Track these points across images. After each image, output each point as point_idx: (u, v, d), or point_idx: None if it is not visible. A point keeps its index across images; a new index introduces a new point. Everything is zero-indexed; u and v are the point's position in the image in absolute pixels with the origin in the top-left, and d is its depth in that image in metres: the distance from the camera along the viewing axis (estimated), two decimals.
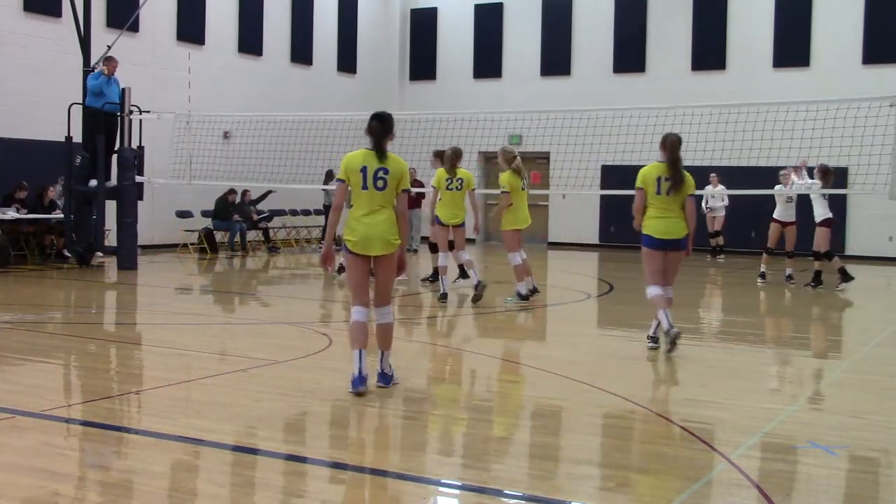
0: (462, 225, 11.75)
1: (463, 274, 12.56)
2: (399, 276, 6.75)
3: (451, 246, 12.42)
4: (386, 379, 6.65)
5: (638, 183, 8.12)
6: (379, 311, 6.66)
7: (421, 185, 17.43)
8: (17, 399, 6.42)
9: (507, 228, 11.32)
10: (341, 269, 12.83)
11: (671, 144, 8.06)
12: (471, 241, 17.54)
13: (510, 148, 11.72)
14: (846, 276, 13.54)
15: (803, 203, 14.12)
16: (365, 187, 6.40)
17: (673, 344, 7.86)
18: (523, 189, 11.36)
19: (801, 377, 7.61)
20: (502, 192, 11.23)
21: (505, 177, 11.19)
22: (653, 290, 8.12)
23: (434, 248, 12.52)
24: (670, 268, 8.15)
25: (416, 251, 20.17)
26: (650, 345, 8.24)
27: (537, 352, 8.85)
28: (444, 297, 11.46)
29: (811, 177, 13.68)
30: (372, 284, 6.64)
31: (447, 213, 11.51)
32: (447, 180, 11.46)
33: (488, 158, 22.10)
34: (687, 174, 8.08)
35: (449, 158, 11.51)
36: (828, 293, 13.27)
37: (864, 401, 6.63)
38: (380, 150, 6.45)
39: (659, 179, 7.98)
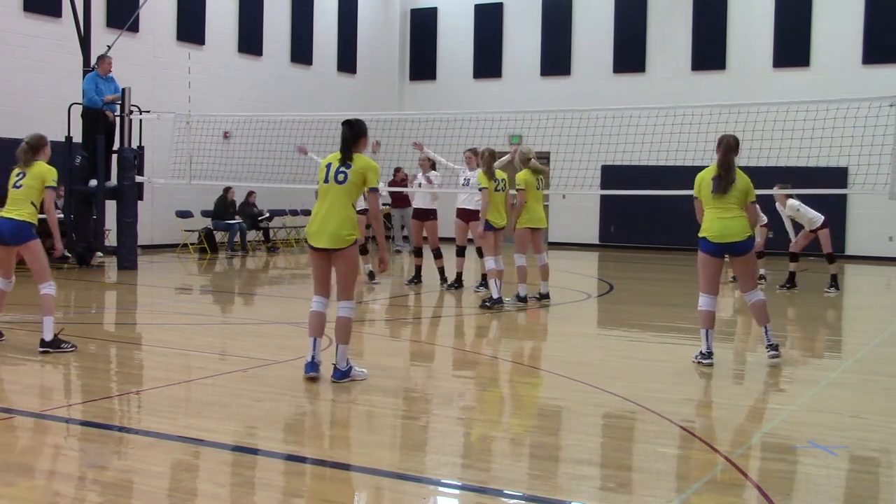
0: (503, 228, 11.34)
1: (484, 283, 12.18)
2: (383, 272, 6.85)
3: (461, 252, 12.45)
4: (338, 374, 6.71)
5: (694, 191, 7.78)
6: (338, 305, 6.79)
7: (406, 184, 17.65)
8: (17, 399, 6.43)
9: (520, 227, 11.24)
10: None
11: (726, 146, 7.63)
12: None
13: (527, 148, 11.56)
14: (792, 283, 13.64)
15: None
16: (326, 181, 6.70)
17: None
18: (538, 188, 11.30)
19: (801, 377, 7.60)
20: (518, 190, 11.16)
21: (521, 175, 11.15)
22: (703, 302, 7.65)
23: (480, 253, 11.87)
24: (742, 274, 7.79)
25: (399, 251, 20.20)
26: (705, 361, 7.61)
27: (537, 352, 8.85)
28: (498, 301, 10.87)
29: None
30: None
31: (495, 216, 11.13)
32: (494, 181, 11.10)
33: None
34: (743, 177, 7.67)
35: (487, 160, 11.11)
36: (823, 295, 13.27)
37: (864, 401, 6.63)
38: (346, 152, 6.72)
39: (714, 179, 7.60)
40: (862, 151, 13.39)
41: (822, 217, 13.31)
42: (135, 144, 15.55)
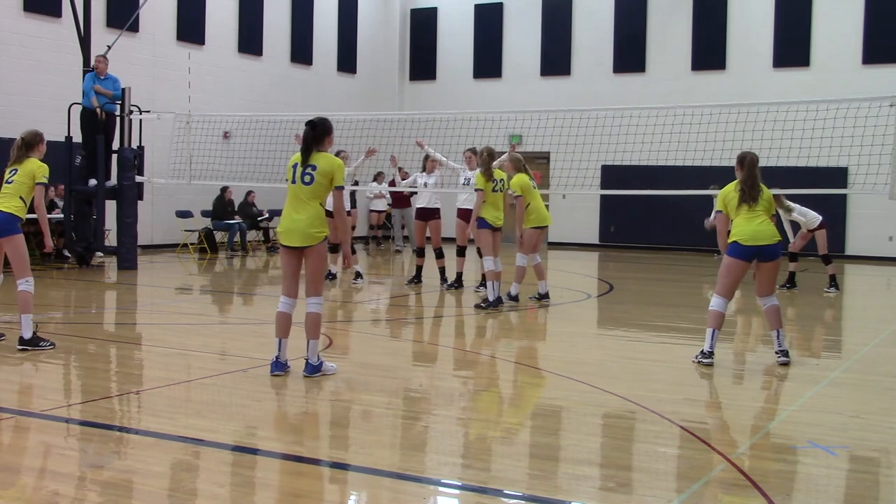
0: (500, 229, 11.33)
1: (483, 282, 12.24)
2: (347, 268, 6.95)
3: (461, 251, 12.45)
4: (309, 368, 6.86)
5: (718, 206, 7.79)
6: (307, 301, 6.90)
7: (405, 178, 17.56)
8: (17, 399, 6.43)
9: (528, 227, 11.26)
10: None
11: (749, 164, 7.64)
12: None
13: (517, 155, 11.45)
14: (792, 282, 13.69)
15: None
16: (294, 181, 6.83)
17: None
18: (534, 188, 11.24)
19: (801, 377, 7.60)
20: (515, 197, 11.14)
21: (515, 180, 11.15)
22: (715, 303, 7.64)
23: (480, 253, 11.74)
24: (765, 279, 7.72)
25: (399, 251, 20.20)
26: (705, 360, 7.64)
27: (537, 352, 8.85)
28: (496, 302, 10.87)
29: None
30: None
31: (494, 216, 11.11)
32: (493, 182, 11.12)
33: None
34: (766, 188, 7.71)
35: (486, 161, 11.09)
36: (823, 295, 13.27)
37: (864, 401, 6.63)
38: (306, 153, 6.83)
39: (741, 192, 7.62)
40: (862, 151, 13.39)
41: (820, 217, 13.31)
42: (135, 144, 15.55)
